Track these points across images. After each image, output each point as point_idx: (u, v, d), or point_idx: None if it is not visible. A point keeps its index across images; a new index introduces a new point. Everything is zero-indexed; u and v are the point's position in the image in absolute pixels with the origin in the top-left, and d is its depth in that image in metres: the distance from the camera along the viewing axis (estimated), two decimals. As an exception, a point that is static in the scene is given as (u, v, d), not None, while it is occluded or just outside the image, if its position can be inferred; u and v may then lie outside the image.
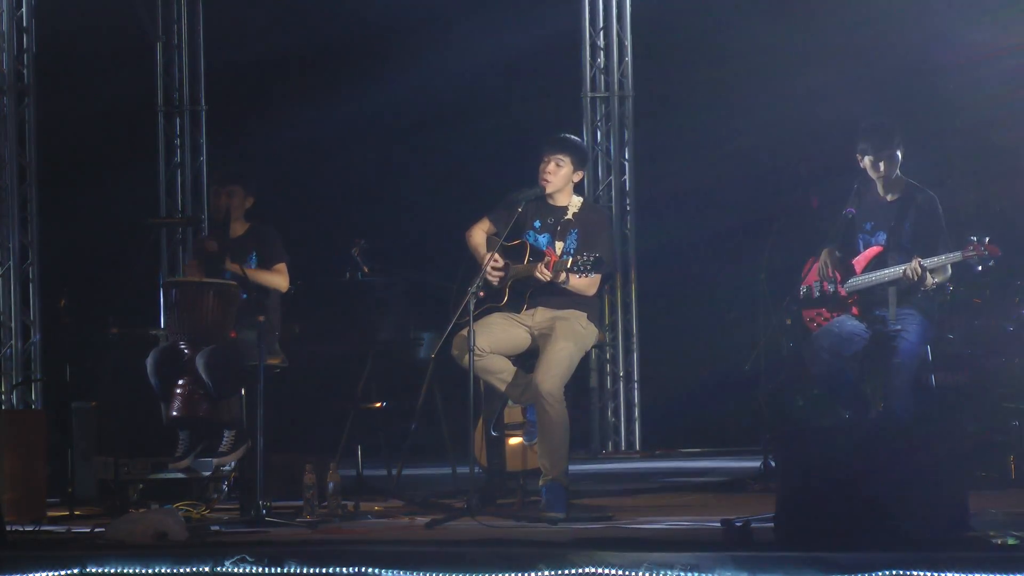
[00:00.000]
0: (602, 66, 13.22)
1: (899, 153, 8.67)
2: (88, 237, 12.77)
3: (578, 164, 8.52)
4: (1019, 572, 5.80)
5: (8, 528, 7.37)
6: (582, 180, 8.67)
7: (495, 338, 8.34)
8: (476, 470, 8.70)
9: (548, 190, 8.47)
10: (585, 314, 8.41)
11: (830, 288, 8.77)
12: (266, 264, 9.07)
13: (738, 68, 12.66)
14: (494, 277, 8.45)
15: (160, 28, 13.34)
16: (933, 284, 8.44)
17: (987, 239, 8.29)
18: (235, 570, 6.35)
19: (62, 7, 12.72)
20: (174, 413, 8.72)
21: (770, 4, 12.50)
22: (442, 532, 7.59)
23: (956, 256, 8.36)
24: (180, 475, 9.12)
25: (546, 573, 6.09)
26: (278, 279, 9.07)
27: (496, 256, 8.44)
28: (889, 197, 8.72)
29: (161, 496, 9.08)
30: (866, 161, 8.69)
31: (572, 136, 8.59)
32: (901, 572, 5.84)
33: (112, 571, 6.43)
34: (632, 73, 13.18)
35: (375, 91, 12.90)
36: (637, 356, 13.15)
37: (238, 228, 9.17)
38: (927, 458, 6.58)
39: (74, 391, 9.58)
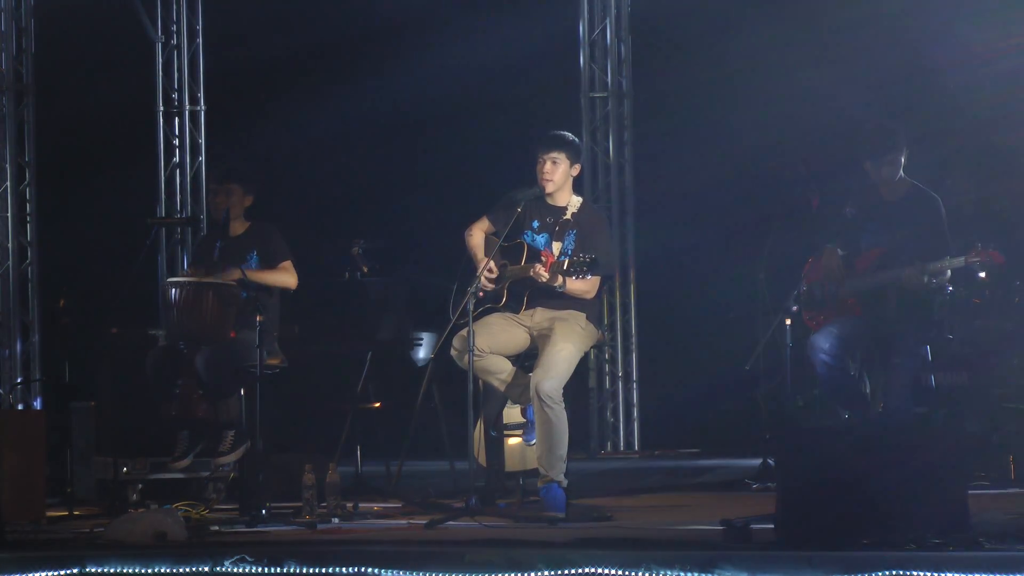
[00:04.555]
0: (601, 66, 13.22)
1: (902, 156, 8.68)
2: (88, 237, 12.76)
3: (573, 158, 8.52)
4: (1019, 572, 5.80)
5: (8, 528, 7.36)
6: (580, 175, 8.67)
7: (494, 338, 8.34)
8: (475, 470, 8.70)
9: (549, 190, 8.47)
10: (584, 314, 8.41)
11: (831, 288, 8.77)
12: (270, 263, 9.05)
13: (737, 68, 12.64)
14: (488, 285, 8.45)
15: (159, 28, 13.33)
16: (932, 283, 8.45)
17: (992, 246, 8.30)
18: (235, 570, 6.35)
19: (62, 7, 12.71)
20: (173, 413, 8.72)
21: (770, 4, 12.49)
22: (441, 532, 7.59)
23: (959, 261, 8.37)
24: (179, 475, 9.12)
25: (545, 573, 6.09)
26: (285, 277, 9.04)
27: (492, 265, 8.44)
28: (892, 198, 8.73)
29: (160, 496, 9.08)
30: (869, 164, 8.70)
31: (563, 132, 8.58)
32: (901, 572, 5.84)
33: (112, 571, 6.43)
34: (631, 73, 13.18)
35: (375, 91, 12.89)
36: (636, 356, 13.15)
37: (238, 227, 9.16)
38: (927, 458, 6.58)
39: (73, 391, 9.58)
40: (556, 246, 8.45)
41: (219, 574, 6.36)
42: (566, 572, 6.09)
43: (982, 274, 8.44)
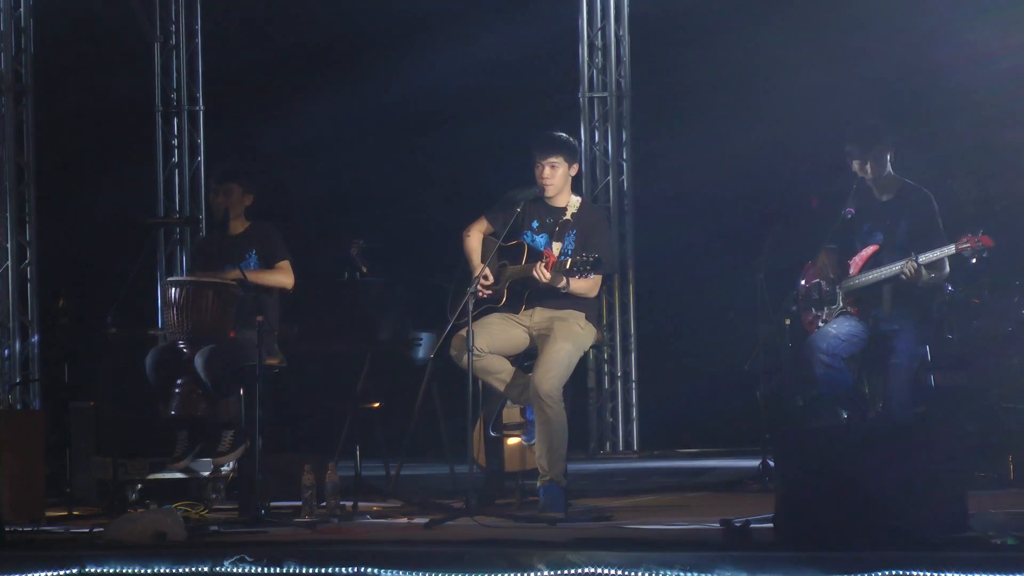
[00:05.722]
0: (600, 66, 13.23)
1: (888, 154, 8.68)
2: (86, 237, 12.76)
3: (571, 160, 8.51)
4: (1019, 572, 5.80)
5: (7, 528, 7.36)
6: (579, 174, 8.67)
7: (494, 338, 8.34)
8: (475, 470, 8.70)
9: (550, 193, 8.47)
10: (583, 314, 8.40)
11: (828, 289, 8.77)
12: (268, 263, 9.04)
13: (737, 68, 12.64)
14: (483, 293, 8.43)
15: (158, 28, 13.32)
16: (932, 278, 8.44)
17: (980, 231, 8.29)
18: (234, 570, 6.34)
19: (60, 7, 12.72)
20: (172, 412, 8.70)
21: (770, 4, 12.49)
22: (441, 532, 7.59)
23: (950, 249, 8.36)
24: (179, 475, 9.11)
25: (545, 573, 6.09)
26: (282, 277, 9.02)
27: (488, 272, 8.43)
28: (884, 197, 8.73)
29: (160, 496, 9.08)
30: (855, 163, 8.70)
31: (559, 134, 8.56)
32: (901, 572, 5.83)
33: (111, 571, 6.43)
34: (630, 73, 13.18)
35: (373, 91, 12.89)
36: (635, 356, 13.15)
37: (237, 226, 9.14)
38: (927, 458, 6.58)
39: (72, 391, 9.58)
40: (556, 247, 8.44)
41: (219, 574, 6.35)
42: (566, 572, 6.09)
43: (973, 260, 8.41)
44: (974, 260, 8.40)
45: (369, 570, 6.19)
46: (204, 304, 8.65)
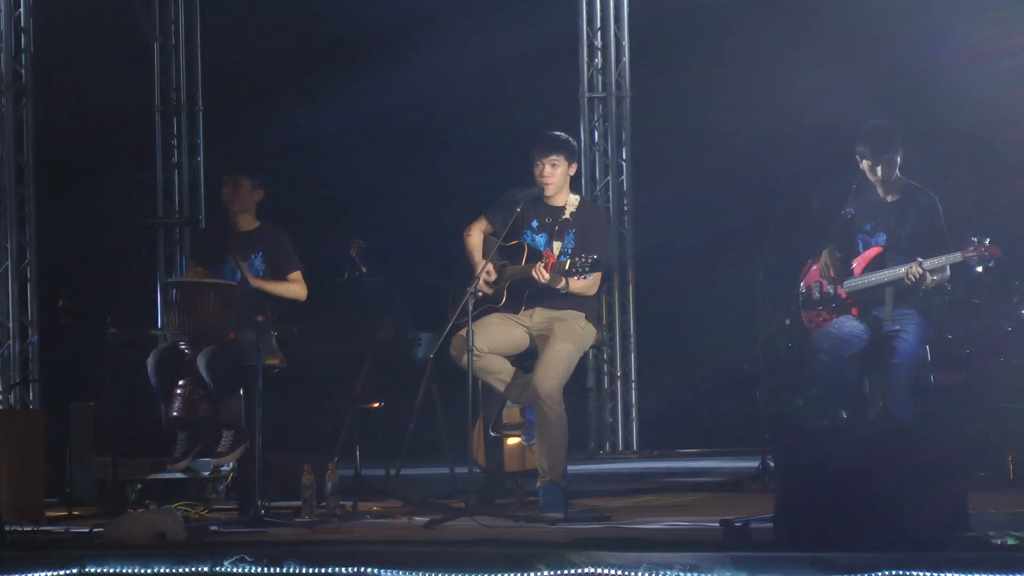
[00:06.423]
0: (600, 66, 13.23)
1: (898, 156, 8.68)
2: (86, 237, 12.76)
3: (571, 159, 8.53)
4: (1019, 572, 5.80)
5: (7, 528, 7.36)
6: (577, 173, 8.67)
7: (494, 338, 8.34)
8: (474, 470, 8.70)
9: (550, 192, 8.47)
10: (583, 314, 8.40)
11: (829, 289, 8.77)
12: (278, 270, 9.01)
13: (737, 68, 12.64)
14: (486, 289, 8.43)
15: (157, 28, 13.31)
16: (932, 282, 8.45)
17: (987, 240, 8.30)
18: (234, 570, 6.35)
19: (60, 7, 12.71)
20: (174, 413, 8.70)
21: (770, 4, 12.49)
22: (440, 532, 7.59)
23: (956, 256, 8.37)
24: (179, 475, 9.11)
25: (545, 573, 6.09)
26: (296, 288, 9.01)
27: (490, 267, 8.43)
28: (889, 198, 8.73)
29: (159, 496, 9.07)
30: (865, 164, 8.70)
31: (559, 133, 8.57)
32: (901, 572, 5.84)
33: (111, 571, 6.43)
34: (630, 73, 13.19)
35: (373, 91, 12.89)
36: (635, 356, 13.15)
37: (246, 222, 9.10)
38: (927, 458, 6.57)
39: (72, 391, 9.57)
40: (556, 246, 8.44)
41: (218, 574, 6.36)
42: (566, 572, 6.09)
43: (979, 268, 8.41)
44: (980, 268, 8.41)
45: (369, 570, 6.20)
46: (205, 305, 8.64)
